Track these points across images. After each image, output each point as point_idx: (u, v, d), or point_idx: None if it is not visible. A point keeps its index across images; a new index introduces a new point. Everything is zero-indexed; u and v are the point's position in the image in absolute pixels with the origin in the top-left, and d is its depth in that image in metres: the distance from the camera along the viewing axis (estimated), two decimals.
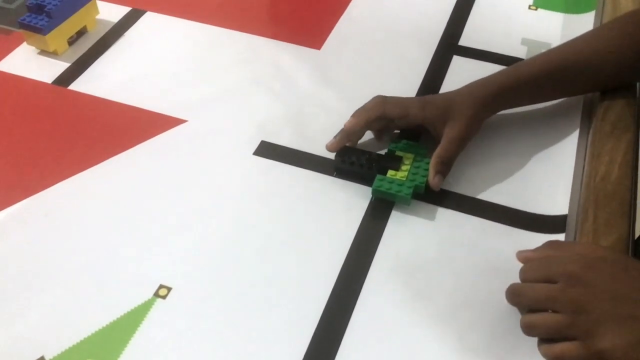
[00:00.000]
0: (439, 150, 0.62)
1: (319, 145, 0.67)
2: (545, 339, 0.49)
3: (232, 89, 0.74)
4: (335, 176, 0.64)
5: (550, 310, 0.48)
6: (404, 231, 0.59)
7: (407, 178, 0.61)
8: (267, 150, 0.67)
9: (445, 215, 0.61)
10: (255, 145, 0.67)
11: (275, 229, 0.60)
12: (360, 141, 0.67)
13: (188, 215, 0.61)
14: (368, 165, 0.63)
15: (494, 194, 0.62)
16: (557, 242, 0.56)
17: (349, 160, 0.63)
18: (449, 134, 0.62)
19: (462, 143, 0.63)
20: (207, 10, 0.86)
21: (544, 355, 0.48)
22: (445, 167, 0.62)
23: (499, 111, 0.67)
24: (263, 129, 0.69)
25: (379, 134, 0.67)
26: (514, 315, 0.52)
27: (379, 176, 0.61)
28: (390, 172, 0.62)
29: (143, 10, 0.86)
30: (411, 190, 0.60)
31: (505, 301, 0.53)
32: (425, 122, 0.64)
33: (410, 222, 0.60)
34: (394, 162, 0.63)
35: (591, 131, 0.66)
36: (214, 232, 0.60)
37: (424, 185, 0.61)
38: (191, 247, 0.58)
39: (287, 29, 0.83)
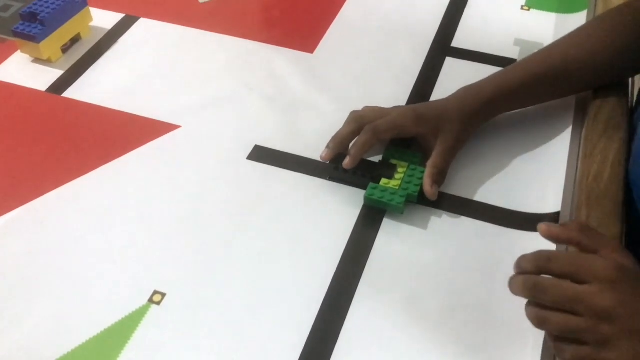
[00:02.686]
0: (434, 160, 0.62)
1: (313, 149, 0.67)
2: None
3: (225, 94, 0.74)
4: (329, 179, 0.64)
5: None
6: (398, 234, 0.60)
7: (400, 187, 0.61)
8: (260, 154, 0.67)
9: (439, 217, 0.61)
10: (248, 150, 0.68)
11: (269, 233, 0.60)
12: None
13: (182, 220, 0.61)
14: (362, 173, 0.63)
15: (486, 195, 0.63)
16: (587, 226, 0.52)
17: (343, 168, 0.63)
18: (441, 145, 0.63)
19: (455, 152, 0.64)
20: (200, 16, 0.86)
21: (553, 348, 0.48)
22: (441, 177, 0.62)
23: (489, 120, 0.67)
24: (256, 133, 0.69)
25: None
26: (510, 317, 0.52)
27: (371, 184, 0.61)
28: (384, 181, 0.62)
29: (136, 16, 0.86)
30: (404, 199, 0.60)
31: (501, 302, 0.53)
32: (417, 136, 0.65)
33: (404, 225, 0.60)
34: (388, 170, 0.63)
35: (584, 130, 0.66)
36: (208, 237, 0.60)
37: (416, 194, 0.61)
38: (185, 253, 0.58)
39: (279, 33, 0.84)
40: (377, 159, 0.65)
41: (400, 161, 0.64)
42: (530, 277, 0.48)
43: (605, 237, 0.52)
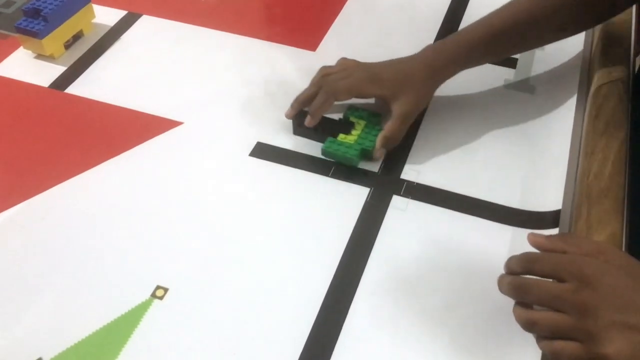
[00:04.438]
0: (390, 125, 0.65)
1: (315, 146, 0.67)
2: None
3: (228, 90, 0.75)
4: (294, 134, 0.68)
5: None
6: (399, 231, 0.60)
7: (356, 142, 0.65)
8: (263, 151, 0.67)
9: (440, 214, 0.61)
10: (251, 147, 0.68)
11: (271, 229, 0.60)
12: None
13: (184, 216, 0.61)
14: (322, 129, 0.67)
15: (488, 193, 0.63)
16: (571, 235, 0.54)
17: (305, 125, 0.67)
18: (398, 110, 0.65)
19: (412, 117, 0.67)
20: (203, 13, 0.86)
21: (541, 348, 0.48)
22: (392, 142, 0.66)
23: (452, 76, 0.69)
24: (259, 130, 0.70)
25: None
26: (508, 314, 0.53)
27: (330, 139, 0.66)
28: (341, 136, 0.66)
29: (139, 13, 0.86)
30: (358, 152, 0.64)
31: (499, 300, 0.53)
32: (376, 97, 0.68)
33: (405, 221, 0.60)
34: (347, 127, 0.67)
35: (584, 129, 0.66)
36: (211, 232, 0.60)
37: (371, 149, 0.65)
38: (188, 248, 0.59)
39: (282, 31, 0.84)
40: (339, 117, 0.69)
41: (358, 119, 0.68)
42: (516, 277, 0.50)
43: (592, 241, 0.53)
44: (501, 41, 0.69)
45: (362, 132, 0.66)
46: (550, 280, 0.49)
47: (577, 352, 0.46)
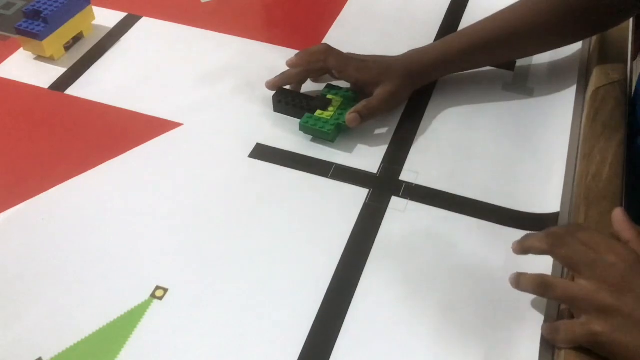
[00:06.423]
0: (369, 99, 0.68)
1: (314, 147, 0.67)
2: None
3: (227, 92, 0.75)
4: (274, 112, 0.71)
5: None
6: (398, 232, 0.60)
7: (332, 117, 0.68)
8: (262, 152, 0.68)
9: (439, 216, 0.61)
10: (250, 148, 0.68)
11: (270, 230, 0.60)
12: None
13: (184, 217, 0.62)
14: (300, 106, 0.70)
15: (486, 194, 0.63)
16: (578, 225, 0.55)
17: (285, 100, 0.70)
18: (381, 90, 0.68)
19: (389, 101, 0.69)
20: (202, 15, 0.87)
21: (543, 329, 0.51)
22: (365, 111, 0.67)
23: (429, 82, 0.73)
24: (258, 131, 0.70)
25: (316, 79, 0.74)
26: (508, 315, 0.53)
27: (307, 114, 0.68)
28: (318, 112, 0.69)
29: (139, 15, 0.87)
30: (333, 127, 0.67)
31: (498, 301, 0.54)
32: (357, 83, 0.70)
33: (404, 223, 0.61)
34: (324, 103, 0.70)
35: (582, 131, 0.67)
36: (210, 233, 0.60)
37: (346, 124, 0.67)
38: (187, 249, 0.59)
39: (281, 33, 0.84)
40: (317, 95, 0.71)
41: (335, 97, 0.70)
42: (539, 275, 0.51)
43: (595, 231, 0.53)
44: (482, 53, 0.71)
45: (339, 108, 0.69)
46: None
47: (572, 328, 0.48)
